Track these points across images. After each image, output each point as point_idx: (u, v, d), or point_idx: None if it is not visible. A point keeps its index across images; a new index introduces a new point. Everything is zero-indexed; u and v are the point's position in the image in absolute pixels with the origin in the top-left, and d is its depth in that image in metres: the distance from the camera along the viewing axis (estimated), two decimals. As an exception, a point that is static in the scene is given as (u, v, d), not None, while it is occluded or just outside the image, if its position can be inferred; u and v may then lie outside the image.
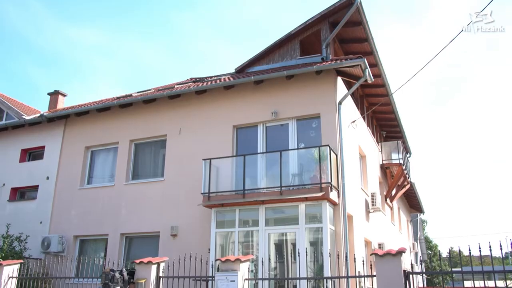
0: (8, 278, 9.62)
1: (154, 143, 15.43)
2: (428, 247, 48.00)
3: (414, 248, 27.40)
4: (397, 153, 18.30)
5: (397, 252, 6.63)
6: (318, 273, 10.93)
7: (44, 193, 16.37)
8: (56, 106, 19.39)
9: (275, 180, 12.06)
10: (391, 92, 15.80)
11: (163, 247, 13.45)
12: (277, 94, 13.56)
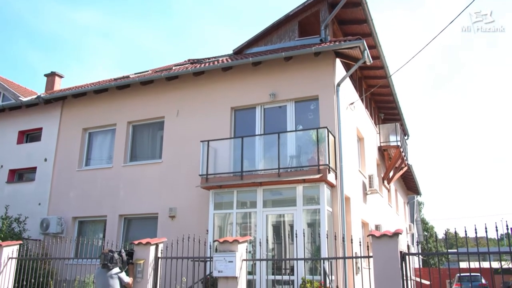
0: (7, 258, 9.68)
1: (152, 125, 15.40)
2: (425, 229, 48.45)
3: (410, 229, 27.63)
4: (395, 135, 18.31)
5: (394, 233, 6.68)
6: (316, 254, 11.03)
7: (42, 174, 16.39)
8: (53, 87, 19.28)
9: (273, 162, 12.09)
10: (389, 74, 15.74)
11: (161, 228, 13.53)
12: (275, 76, 13.50)
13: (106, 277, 7.57)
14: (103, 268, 7.65)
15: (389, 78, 16.09)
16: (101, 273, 7.68)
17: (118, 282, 7.67)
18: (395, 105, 19.11)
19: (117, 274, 7.65)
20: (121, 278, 7.70)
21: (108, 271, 7.59)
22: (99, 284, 7.66)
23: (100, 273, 7.69)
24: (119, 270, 7.70)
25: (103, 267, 7.65)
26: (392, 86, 17.17)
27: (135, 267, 8.21)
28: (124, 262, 7.87)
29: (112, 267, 7.61)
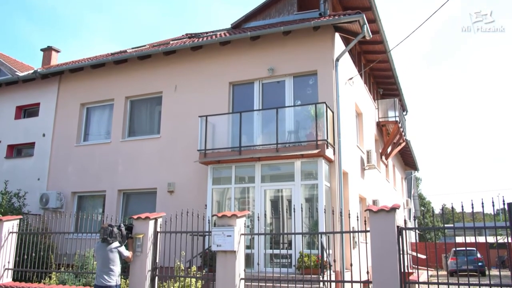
0: (8, 233, 9.76)
1: (150, 100, 15.34)
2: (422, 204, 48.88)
3: (407, 204, 27.84)
4: (393, 111, 18.27)
5: (391, 208, 6.73)
6: (313, 229, 11.13)
7: (40, 150, 16.40)
8: (49, 62, 19.10)
9: (271, 137, 12.09)
10: (389, 49, 15.60)
11: (160, 203, 13.62)
12: (273, 51, 13.38)
13: (106, 251, 7.64)
14: (103, 243, 7.71)
15: (389, 53, 15.96)
16: (100, 247, 7.75)
17: (118, 256, 7.75)
18: (394, 80, 19.01)
19: (117, 248, 7.72)
20: (121, 252, 7.78)
21: (108, 245, 7.66)
22: (99, 258, 7.73)
23: (100, 247, 7.76)
24: (119, 244, 7.77)
25: (103, 242, 7.70)
26: (391, 61, 17.05)
27: (135, 241, 8.28)
28: (124, 236, 7.92)
29: (111, 241, 7.67)
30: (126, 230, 8.11)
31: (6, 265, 9.70)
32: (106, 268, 7.59)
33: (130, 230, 8.33)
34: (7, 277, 9.72)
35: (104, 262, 7.62)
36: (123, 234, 7.90)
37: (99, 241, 7.84)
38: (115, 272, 7.62)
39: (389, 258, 6.58)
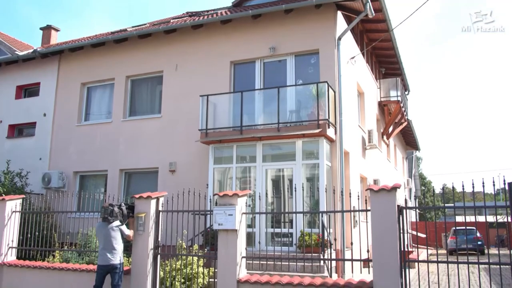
0: (11, 212, 9.83)
1: (151, 79, 15.27)
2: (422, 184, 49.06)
3: (408, 184, 27.95)
4: (395, 90, 18.16)
5: (392, 187, 6.74)
6: (314, 208, 11.19)
7: (42, 129, 16.40)
8: (49, 41, 18.97)
9: (272, 117, 12.07)
10: (391, 28, 15.43)
11: (162, 182, 13.68)
12: (275, 29, 13.25)
13: (107, 230, 7.72)
14: (104, 222, 7.79)
15: (391, 32, 15.79)
16: (102, 226, 7.82)
17: (120, 234, 7.83)
18: (396, 60, 18.86)
19: (118, 227, 7.79)
20: (122, 231, 7.85)
21: (109, 224, 7.73)
22: (101, 238, 7.81)
23: (101, 226, 7.83)
24: (120, 223, 7.83)
25: (104, 221, 7.77)
26: (394, 40, 16.89)
27: (137, 220, 8.33)
28: (125, 216, 7.98)
29: (112, 220, 7.74)
30: (127, 209, 8.17)
31: (10, 244, 9.81)
32: (109, 247, 7.68)
33: (132, 209, 8.38)
34: (11, 255, 9.84)
35: (107, 241, 7.71)
36: (124, 213, 7.96)
37: (100, 221, 7.92)
38: (118, 250, 7.72)
39: (389, 237, 6.63)
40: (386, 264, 6.57)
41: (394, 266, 6.53)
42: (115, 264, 7.64)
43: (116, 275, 7.68)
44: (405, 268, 6.69)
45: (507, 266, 6.54)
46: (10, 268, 9.55)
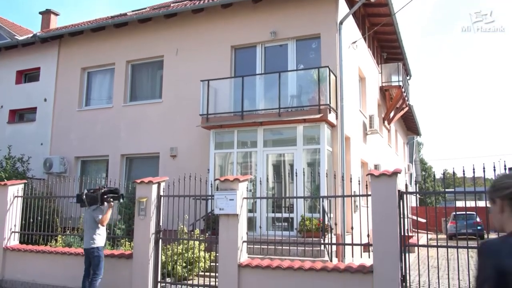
0: (13, 197, 9.87)
1: (151, 64, 15.21)
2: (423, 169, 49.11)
3: (409, 169, 27.97)
4: (397, 75, 18.08)
5: (393, 172, 6.75)
6: (315, 193, 11.22)
7: (42, 114, 16.39)
8: (49, 26, 18.85)
9: (273, 102, 12.04)
10: (393, 12, 15.29)
11: (163, 167, 13.71)
12: (276, 13, 13.15)
13: (86, 214, 7.96)
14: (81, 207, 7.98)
15: (393, 16, 15.65)
16: (85, 212, 8.02)
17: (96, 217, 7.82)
18: (398, 45, 18.73)
19: (94, 210, 7.81)
20: (94, 215, 7.79)
21: (88, 208, 7.83)
22: (85, 222, 8.05)
23: (85, 212, 8.03)
24: (94, 207, 7.83)
25: (81, 206, 7.94)
26: (396, 25, 16.74)
27: (138, 205, 8.37)
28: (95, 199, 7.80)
29: (87, 205, 7.80)
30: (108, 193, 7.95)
31: (13, 228, 9.87)
32: (87, 230, 7.84)
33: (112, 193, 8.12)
34: (14, 239, 9.92)
35: (86, 225, 7.90)
36: (96, 197, 7.80)
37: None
38: (95, 234, 7.69)
39: (389, 221, 6.66)
40: (386, 249, 6.62)
41: (394, 250, 6.58)
42: (93, 248, 7.68)
43: (94, 259, 7.68)
44: (405, 252, 6.74)
45: (506, 250, 6.57)
46: (13, 252, 9.63)
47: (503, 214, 2.03)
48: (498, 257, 1.81)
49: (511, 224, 1.98)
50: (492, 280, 1.79)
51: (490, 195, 2.11)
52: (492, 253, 1.86)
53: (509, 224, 1.99)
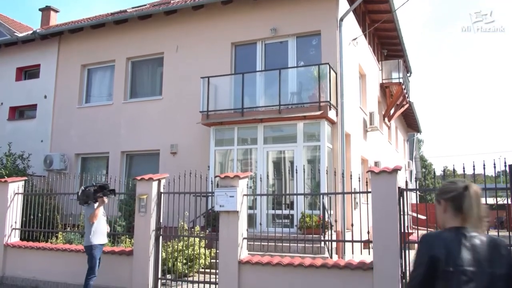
0: (14, 194, 9.87)
1: (151, 61, 15.20)
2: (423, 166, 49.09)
3: (409, 166, 27.94)
4: (397, 72, 18.07)
5: (393, 169, 6.74)
6: (315, 190, 11.23)
7: (43, 111, 16.39)
8: (48, 23, 18.81)
9: (273, 99, 12.04)
10: (394, 9, 15.27)
11: (163, 164, 13.71)
12: (276, 10, 13.13)
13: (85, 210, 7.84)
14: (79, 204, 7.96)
15: (394, 13, 15.63)
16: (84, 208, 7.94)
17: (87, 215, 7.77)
18: (398, 41, 18.70)
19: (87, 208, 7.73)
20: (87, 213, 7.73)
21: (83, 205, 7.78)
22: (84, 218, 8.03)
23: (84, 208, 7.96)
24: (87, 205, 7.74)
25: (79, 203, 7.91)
26: (397, 21, 16.72)
27: (138, 202, 8.37)
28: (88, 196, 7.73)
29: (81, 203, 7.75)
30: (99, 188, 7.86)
31: (13, 225, 9.88)
32: (85, 228, 7.77)
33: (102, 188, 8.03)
34: (15, 236, 9.93)
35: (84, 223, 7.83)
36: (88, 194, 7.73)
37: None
38: (88, 231, 7.58)
39: (389, 218, 6.66)
40: (386, 246, 6.62)
41: (394, 247, 6.58)
42: (86, 246, 7.57)
43: (88, 257, 7.55)
44: (405, 249, 6.74)
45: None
46: (13, 249, 9.64)
47: (446, 213, 2.45)
48: (432, 246, 2.27)
49: (450, 222, 2.41)
50: (425, 264, 2.25)
51: (436, 197, 2.54)
52: (428, 243, 2.31)
53: (449, 222, 2.42)
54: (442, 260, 2.24)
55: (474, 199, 2.39)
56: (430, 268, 2.25)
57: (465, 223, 2.37)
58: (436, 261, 2.24)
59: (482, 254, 2.27)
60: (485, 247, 2.29)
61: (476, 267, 2.24)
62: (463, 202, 2.39)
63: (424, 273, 2.27)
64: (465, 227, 2.36)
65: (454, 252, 2.26)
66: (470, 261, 2.24)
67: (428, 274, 2.26)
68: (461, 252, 2.26)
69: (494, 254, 2.29)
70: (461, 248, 2.27)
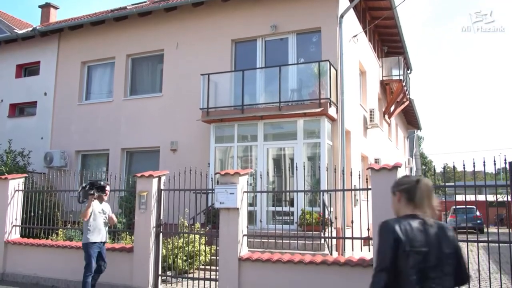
0: (14, 191, 9.88)
1: (151, 58, 15.18)
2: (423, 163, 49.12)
3: (409, 163, 27.96)
4: (397, 69, 18.04)
5: (393, 166, 6.74)
6: (315, 187, 11.24)
7: (43, 109, 16.38)
8: (48, 20, 18.79)
9: (274, 96, 12.03)
10: (395, 5, 15.24)
11: (163, 161, 13.72)
12: (276, 7, 13.10)
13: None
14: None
15: (394, 10, 15.60)
16: None
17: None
18: (399, 38, 18.66)
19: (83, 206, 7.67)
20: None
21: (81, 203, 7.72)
22: None
23: None
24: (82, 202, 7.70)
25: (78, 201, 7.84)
26: (397, 18, 16.68)
27: (139, 199, 8.38)
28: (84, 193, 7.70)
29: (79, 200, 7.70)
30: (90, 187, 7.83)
31: (14, 222, 9.89)
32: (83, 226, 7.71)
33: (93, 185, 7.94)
34: (15, 233, 9.94)
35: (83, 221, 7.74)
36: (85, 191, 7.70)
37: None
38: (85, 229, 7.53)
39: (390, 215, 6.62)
40: (386, 242, 6.62)
41: (394, 244, 6.58)
42: (82, 243, 7.54)
43: (84, 254, 7.49)
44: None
45: (505, 244, 6.59)
46: (14, 246, 9.66)
47: (400, 202, 2.88)
48: (394, 230, 2.63)
49: (404, 210, 2.82)
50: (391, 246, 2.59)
51: (392, 189, 2.96)
52: (390, 228, 2.67)
53: (403, 210, 2.84)
54: (402, 242, 2.59)
55: (424, 190, 2.79)
56: (395, 248, 2.59)
57: (416, 211, 2.76)
58: (399, 243, 2.59)
59: (432, 236, 2.66)
60: (435, 231, 2.68)
61: (428, 247, 2.62)
62: (415, 193, 2.79)
63: (391, 254, 2.59)
64: (416, 214, 2.74)
65: (410, 235, 2.62)
66: (423, 242, 2.62)
67: (394, 255, 2.59)
68: (415, 235, 2.63)
69: (442, 236, 2.69)
70: (415, 231, 2.64)
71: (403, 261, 2.58)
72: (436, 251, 2.64)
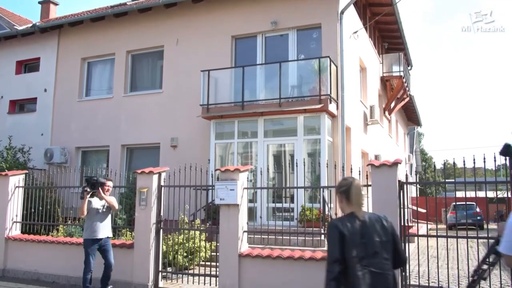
0: (14, 187, 9.89)
1: (151, 54, 15.16)
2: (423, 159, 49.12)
3: (409, 160, 27.96)
4: (398, 66, 18.02)
5: (393, 163, 6.75)
6: (315, 183, 11.25)
7: (43, 105, 16.37)
8: (48, 16, 18.76)
9: (274, 92, 12.02)
10: (395, 1, 15.21)
11: (163, 158, 13.72)
12: (277, 3, 13.08)
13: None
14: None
15: (395, 6, 15.57)
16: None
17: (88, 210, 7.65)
18: (399, 34, 18.63)
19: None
20: None
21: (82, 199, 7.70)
22: None
23: None
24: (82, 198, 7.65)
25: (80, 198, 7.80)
26: (397, 14, 16.66)
27: (139, 195, 8.38)
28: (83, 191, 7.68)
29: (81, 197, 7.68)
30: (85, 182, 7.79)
31: (14, 218, 9.90)
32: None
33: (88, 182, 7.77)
34: (16, 229, 9.95)
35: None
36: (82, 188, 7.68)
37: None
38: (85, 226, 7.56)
39: (389, 211, 6.64)
40: (386, 238, 6.63)
41: (394, 240, 6.59)
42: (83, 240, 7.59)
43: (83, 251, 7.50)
44: (405, 242, 6.75)
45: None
46: (14, 242, 9.67)
47: (342, 203, 3.31)
48: (338, 227, 3.10)
49: (346, 209, 3.26)
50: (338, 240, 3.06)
51: (336, 191, 3.40)
52: (336, 225, 3.13)
53: (346, 209, 3.27)
54: (346, 235, 3.05)
55: (356, 190, 3.25)
56: (342, 242, 3.04)
57: (353, 208, 3.22)
58: (344, 236, 3.05)
59: (370, 228, 3.14)
60: (372, 223, 3.17)
61: (367, 239, 3.09)
62: (350, 193, 3.24)
63: (339, 247, 3.04)
64: (355, 212, 3.20)
65: (351, 230, 3.09)
66: (362, 234, 3.10)
67: (341, 247, 3.04)
68: (355, 229, 3.10)
69: (380, 226, 3.17)
70: (355, 226, 3.12)
71: (348, 252, 3.03)
72: (375, 240, 3.10)
